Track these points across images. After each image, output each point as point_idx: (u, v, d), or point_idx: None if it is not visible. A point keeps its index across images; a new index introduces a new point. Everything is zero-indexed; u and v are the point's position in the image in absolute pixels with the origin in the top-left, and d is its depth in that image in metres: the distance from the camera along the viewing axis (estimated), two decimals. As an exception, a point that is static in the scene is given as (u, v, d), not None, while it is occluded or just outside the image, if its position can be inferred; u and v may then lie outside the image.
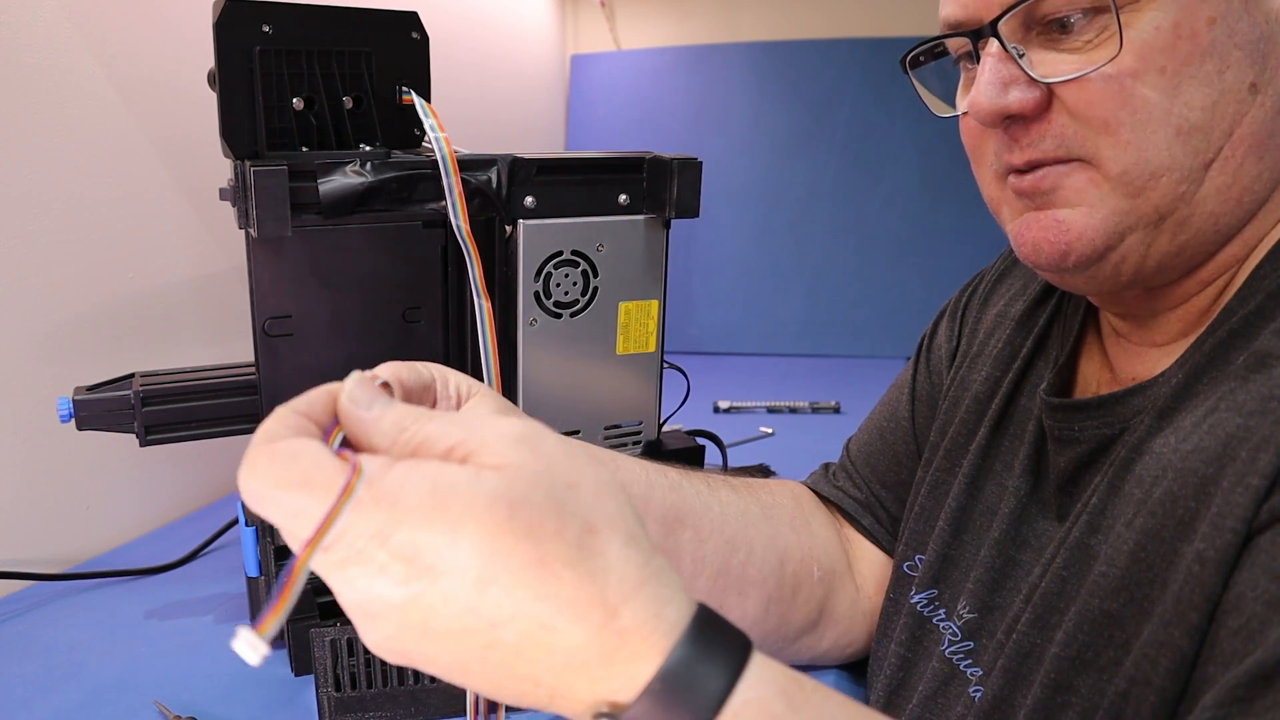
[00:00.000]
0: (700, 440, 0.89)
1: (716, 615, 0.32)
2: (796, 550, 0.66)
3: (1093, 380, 0.56)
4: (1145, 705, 0.40)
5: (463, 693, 0.66)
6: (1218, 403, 0.43)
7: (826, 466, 0.78)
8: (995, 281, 0.68)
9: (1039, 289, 0.62)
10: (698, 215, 0.76)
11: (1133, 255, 0.48)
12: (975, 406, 0.62)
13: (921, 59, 0.56)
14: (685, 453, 0.87)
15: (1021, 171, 0.49)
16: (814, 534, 0.69)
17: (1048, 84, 0.47)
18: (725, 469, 1.01)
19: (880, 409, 0.75)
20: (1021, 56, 0.47)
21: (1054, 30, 0.47)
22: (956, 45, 0.53)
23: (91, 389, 0.73)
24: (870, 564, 0.70)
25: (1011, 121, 0.48)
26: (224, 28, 0.65)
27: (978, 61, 0.49)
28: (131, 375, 0.76)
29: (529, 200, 0.72)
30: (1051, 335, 0.60)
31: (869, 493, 0.72)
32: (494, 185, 0.70)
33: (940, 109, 0.56)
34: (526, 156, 0.72)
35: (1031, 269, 0.53)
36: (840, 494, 0.73)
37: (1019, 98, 0.47)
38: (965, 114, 0.52)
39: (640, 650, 0.30)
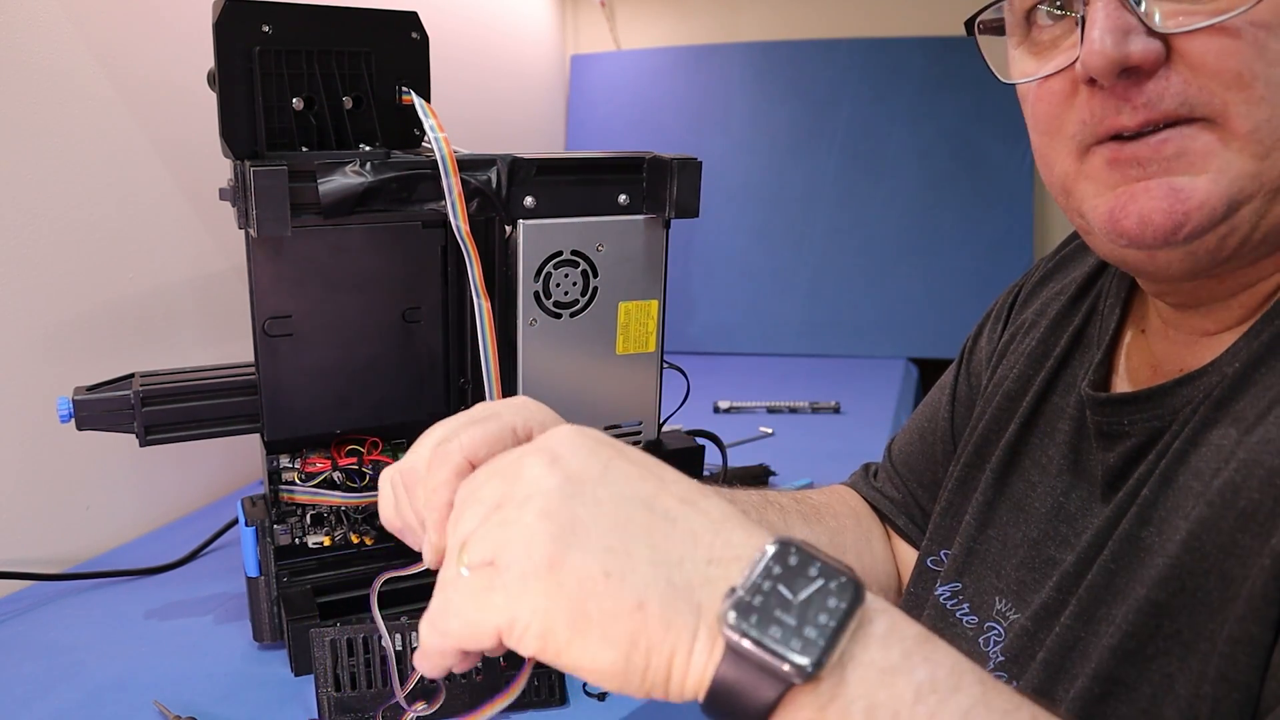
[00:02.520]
0: (700, 440, 0.89)
1: None
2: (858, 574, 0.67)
3: (1130, 375, 0.55)
4: (1230, 703, 0.39)
5: (463, 693, 0.66)
6: None
7: (867, 467, 0.78)
8: (1040, 282, 0.67)
9: (1075, 289, 0.62)
10: (698, 215, 0.75)
11: (1243, 227, 0.45)
12: (1006, 403, 0.61)
13: (990, 23, 0.52)
14: (685, 453, 0.86)
15: (1125, 139, 0.45)
16: (873, 552, 0.71)
17: (1169, 34, 0.43)
18: (725, 469, 1.01)
19: (922, 410, 0.76)
20: (1139, 4, 0.43)
21: None
22: (1024, 3, 0.49)
23: (91, 389, 0.73)
24: (906, 564, 0.71)
25: (1124, 77, 0.44)
26: (224, 28, 0.65)
27: (1064, 15, 0.45)
28: (131, 375, 0.76)
29: (529, 200, 0.72)
30: (1087, 333, 0.59)
31: (906, 493, 0.73)
32: (494, 185, 0.70)
33: (1007, 75, 0.52)
34: (526, 156, 0.71)
35: (1106, 251, 0.50)
36: (878, 495, 0.74)
37: (1142, 47, 0.43)
38: (1047, 77, 0.48)
39: (771, 531, 0.35)
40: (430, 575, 0.41)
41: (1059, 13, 0.47)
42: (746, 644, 0.31)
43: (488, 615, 0.34)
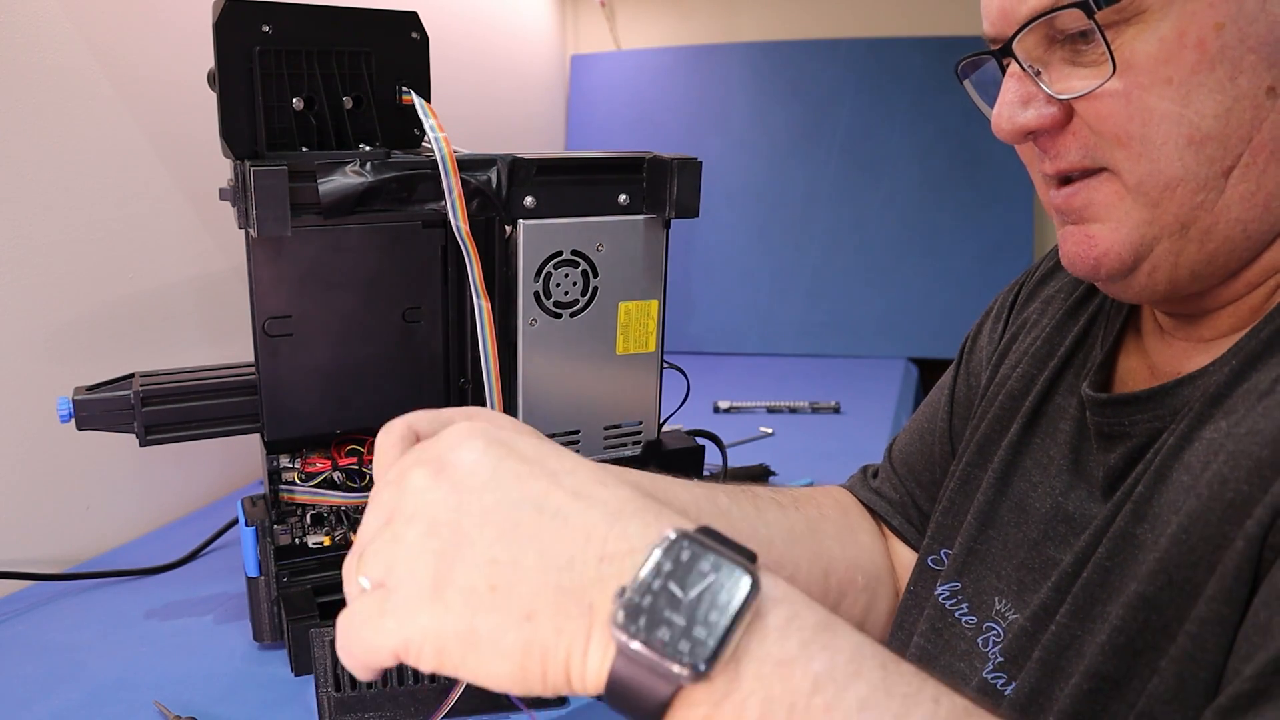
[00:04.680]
0: (700, 440, 0.89)
1: None
2: (840, 561, 0.67)
3: (1130, 377, 0.56)
4: (1198, 683, 0.39)
5: (460, 694, 0.66)
6: (1274, 385, 0.42)
7: (866, 469, 0.78)
8: (1040, 281, 0.68)
9: (1083, 290, 0.62)
10: (698, 215, 0.76)
11: (1163, 265, 0.48)
12: (1009, 403, 0.61)
13: (971, 67, 0.56)
14: (685, 453, 0.87)
15: (1059, 183, 0.50)
16: (858, 542, 0.70)
17: (1063, 100, 0.47)
18: (725, 469, 1.01)
19: (922, 410, 0.76)
20: (1039, 74, 0.48)
21: (1078, 41, 0.46)
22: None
23: (91, 389, 0.73)
24: (904, 564, 0.70)
25: (1037, 135, 0.49)
26: (224, 28, 0.65)
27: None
28: (131, 375, 0.76)
29: (529, 200, 0.72)
30: (1092, 334, 0.60)
31: (904, 492, 0.73)
32: (494, 185, 0.70)
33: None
34: (526, 156, 0.72)
35: None
36: (874, 495, 0.74)
37: (1037, 114, 0.48)
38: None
39: (673, 518, 0.34)
40: None
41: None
42: (635, 645, 0.31)
43: (382, 639, 0.35)
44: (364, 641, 0.35)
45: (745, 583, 0.32)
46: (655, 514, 0.34)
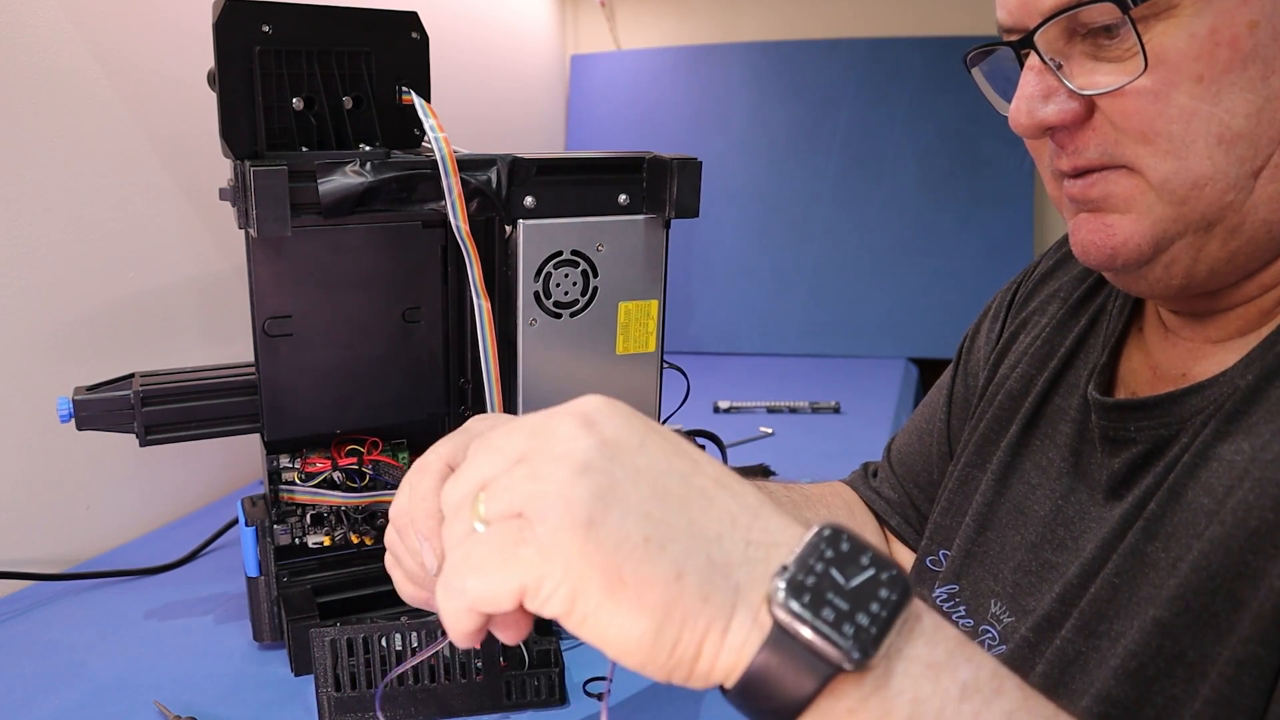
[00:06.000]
0: (700, 440, 0.89)
1: None
2: None
3: (1132, 379, 0.55)
4: None
5: (460, 694, 0.66)
6: None
7: (866, 466, 0.78)
8: (1039, 280, 0.67)
9: (1085, 289, 0.62)
10: (698, 215, 0.75)
11: (1182, 259, 0.47)
12: (1008, 403, 0.61)
13: (981, 56, 0.55)
14: (685, 453, 0.86)
15: (1073, 176, 0.49)
16: None
17: (1087, 95, 0.46)
18: (725, 469, 1.01)
19: (920, 410, 0.76)
20: (1060, 68, 0.47)
21: (1100, 35, 0.45)
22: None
23: (91, 389, 0.73)
24: (903, 565, 0.70)
25: (1055, 130, 0.48)
26: (224, 28, 0.65)
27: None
28: (131, 375, 0.76)
29: (529, 200, 0.72)
30: (1094, 333, 0.59)
31: (902, 493, 0.72)
32: (494, 185, 0.70)
33: (1003, 108, 0.55)
34: (526, 156, 0.71)
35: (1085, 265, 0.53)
36: (874, 495, 0.74)
37: (1058, 110, 0.47)
38: None
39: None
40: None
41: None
42: (796, 625, 0.30)
43: (513, 571, 0.31)
44: (487, 573, 0.32)
45: (901, 582, 0.31)
46: (790, 517, 0.34)
